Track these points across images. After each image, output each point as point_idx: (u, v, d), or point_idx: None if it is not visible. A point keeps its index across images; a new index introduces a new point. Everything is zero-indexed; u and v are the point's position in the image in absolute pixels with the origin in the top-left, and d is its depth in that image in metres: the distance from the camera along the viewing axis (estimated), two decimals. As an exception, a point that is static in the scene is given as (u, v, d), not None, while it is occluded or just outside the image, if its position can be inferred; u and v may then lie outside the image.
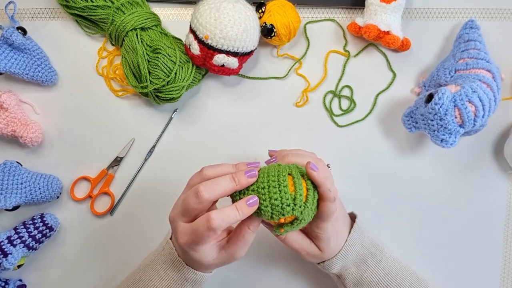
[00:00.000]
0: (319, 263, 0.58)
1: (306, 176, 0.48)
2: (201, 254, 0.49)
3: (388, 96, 0.66)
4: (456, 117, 0.55)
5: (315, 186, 0.48)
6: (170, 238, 0.55)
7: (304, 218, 0.47)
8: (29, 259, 0.65)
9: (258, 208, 0.47)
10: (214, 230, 0.45)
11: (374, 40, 0.63)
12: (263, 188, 0.47)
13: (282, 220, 0.47)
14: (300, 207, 0.46)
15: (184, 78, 0.61)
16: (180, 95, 0.62)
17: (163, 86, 0.60)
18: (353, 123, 0.67)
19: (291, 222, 0.47)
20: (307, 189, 0.47)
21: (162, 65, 0.59)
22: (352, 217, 0.60)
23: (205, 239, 0.46)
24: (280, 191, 0.46)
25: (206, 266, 0.51)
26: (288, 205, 0.46)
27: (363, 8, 0.63)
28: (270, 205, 0.46)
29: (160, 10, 0.66)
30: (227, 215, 0.45)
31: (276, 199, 0.46)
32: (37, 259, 0.66)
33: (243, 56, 0.60)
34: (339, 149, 0.66)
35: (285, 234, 0.49)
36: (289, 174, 0.47)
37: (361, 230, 0.58)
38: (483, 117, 0.55)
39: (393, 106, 0.66)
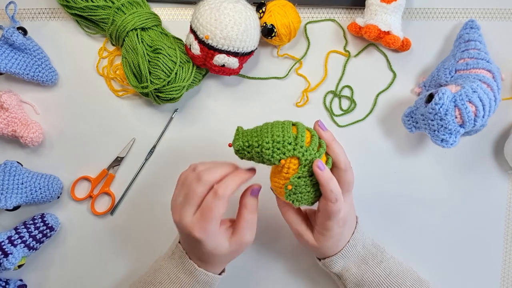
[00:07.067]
0: (320, 260, 0.58)
1: (312, 131, 0.50)
2: (214, 238, 0.50)
3: (388, 96, 0.66)
4: (456, 117, 0.55)
5: (321, 140, 0.50)
6: (179, 242, 0.55)
7: (307, 162, 0.48)
8: (29, 259, 0.65)
9: (261, 152, 0.48)
10: (222, 198, 0.48)
11: (374, 40, 0.63)
12: (266, 130, 0.49)
13: (283, 162, 0.48)
14: (301, 147, 0.47)
15: (184, 78, 0.61)
16: (181, 95, 0.62)
17: (164, 86, 0.60)
18: (353, 123, 0.67)
19: (298, 176, 0.48)
20: (312, 135, 0.49)
21: (163, 65, 0.59)
22: None
23: (215, 211, 0.48)
24: (283, 130, 0.48)
25: (221, 258, 0.53)
26: (290, 143, 0.47)
27: (363, 8, 0.63)
28: (271, 142, 0.47)
29: (160, 10, 0.66)
30: (229, 181, 0.49)
31: (278, 136, 0.47)
32: (38, 259, 0.66)
33: (243, 56, 0.61)
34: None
35: (293, 197, 0.50)
36: (293, 124, 0.50)
37: (363, 231, 0.58)
38: (483, 117, 0.55)
39: (393, 106, 0.66)
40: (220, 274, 0.56)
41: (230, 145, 0.51)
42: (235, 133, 0.51)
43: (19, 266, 0.62)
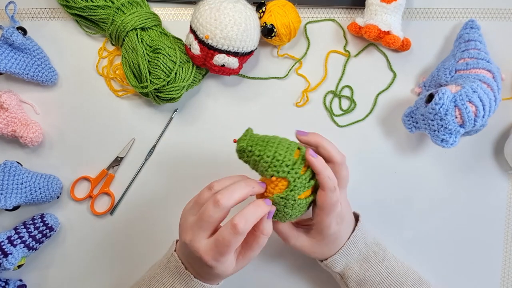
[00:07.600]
0: (322, 261, 0.58)
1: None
2: (225, 265, 0.49)
3: (388, 96, 0.66)
4: (456, 117, 0.55)
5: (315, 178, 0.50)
6: (175, 250, 0.55)
7: (295, 189, 0.48)
8: (29, 259, 0.65)
9: (258, 162, 0.49)
10: (241, 234, 0.45)
11: (374, 40, 0.63)
12: (272, 144, 0.49)
13: (274, 179, 0.49)
14: (296, 173, 0.48)
15: (184, 78, 0.61)
16: (181, 95, 0.62)
17: (163, 86, 0.60)
18: (353, 123, 0.67)
19: (280, 196, 0.48)
20: (307, 168, 0.50)
21: (163, 65, 0.59)
22: (355, 217, 0.60)
23: (232, 246, 0.46)
24: (286, 151, 0.49)
25: (223, 278, 0.52)
26: (287, 165, 0.48)
27: (363, 8, 0.63)
28: (272, 157, 0.48)
29: (160, 10, 0.66)
30: (249, 215, 0.46)
31: (280, 154, 0.48)
32: (37, 259, 0.66)
33: (243, 56, 0.61)
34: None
35: (277, 216, 0.50)
36: (298, 148, 0.50)
37: (365, 229, 0.58)
38: (483, 117, 0.55)
39: (393, 106, 0.66)
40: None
41: (235, 141, 0.52)
42: (243, 133, 0.52)
43: (19, 266, 0.62)
